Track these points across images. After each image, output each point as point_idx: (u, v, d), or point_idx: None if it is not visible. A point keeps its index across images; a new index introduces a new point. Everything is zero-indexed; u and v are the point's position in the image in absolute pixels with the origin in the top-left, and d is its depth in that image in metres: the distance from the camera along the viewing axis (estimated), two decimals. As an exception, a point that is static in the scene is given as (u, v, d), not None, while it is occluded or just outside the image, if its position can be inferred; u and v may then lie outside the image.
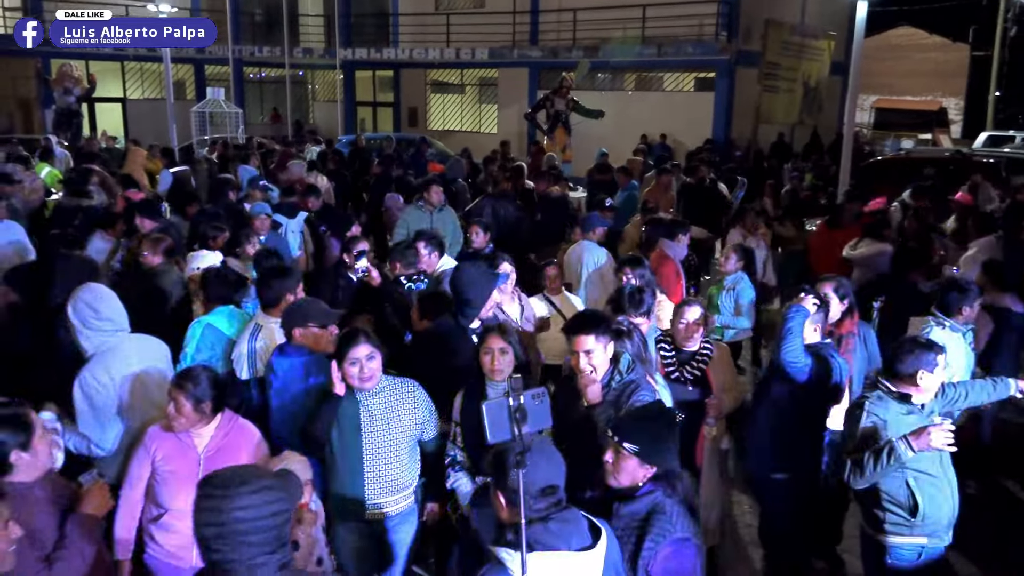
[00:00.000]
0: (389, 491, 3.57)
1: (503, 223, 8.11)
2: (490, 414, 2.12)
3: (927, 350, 3.55)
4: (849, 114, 11.52)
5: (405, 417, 3.57)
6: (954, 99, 38.56)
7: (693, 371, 4.36)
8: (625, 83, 22.79)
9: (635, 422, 2.76)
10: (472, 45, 23.73)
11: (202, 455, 3.37)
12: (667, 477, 2.67)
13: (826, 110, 21.45)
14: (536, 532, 2.19)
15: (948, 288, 4.91)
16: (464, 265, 4.61)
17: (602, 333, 3.35)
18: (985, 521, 5.15)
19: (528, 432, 2.12)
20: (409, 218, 7.83)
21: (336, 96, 26.23)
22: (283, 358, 3.94)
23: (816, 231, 8.61)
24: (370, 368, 3.46)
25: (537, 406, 2.16)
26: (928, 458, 3.51)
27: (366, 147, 16.69)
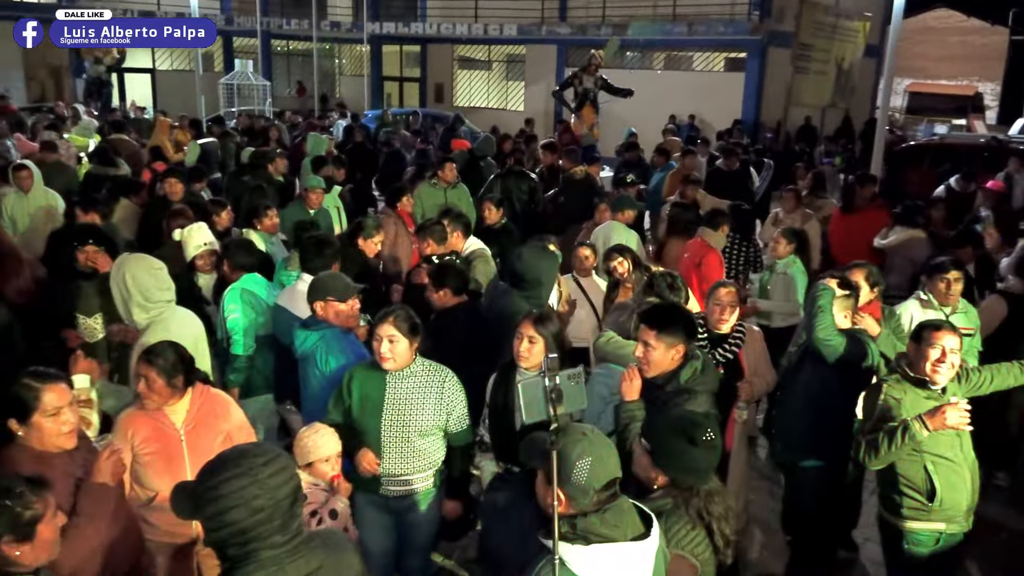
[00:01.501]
0: (405, 472, 3.58)
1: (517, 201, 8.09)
2: (526, 394, 2.10)
3: (934, 325, 3.57)
4: (884, 97, 11.28)
5: (429, 405, 3.54)
6: (991, 84, 37.67)
7: (725, 354, 4.32)
8: (654, 62, 22.52)
9: (662, 424, 2.73)
10: (500, 21, 23.54)
11: (182, 430, 3.34)
12: (684, 490, 2.61)
13: (858, 93, 21.05)
14: (592, 524, 2.17)
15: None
16: (522, 250, 4.56)
17: (668, 333, 3.31)
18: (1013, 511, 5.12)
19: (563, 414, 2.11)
20: (423, 195, 7.82)
21: (363, 71, 26.17)
22: (304, 330, 3.98)
23: (832, 217, 8.44)
24: (388, 350, 3.45)
25: (573, 387, 2.14)
26: (947, 443, 3.49)
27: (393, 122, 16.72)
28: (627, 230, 6.88)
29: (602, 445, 2.27)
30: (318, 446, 3.33)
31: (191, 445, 3.32)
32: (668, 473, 2.61)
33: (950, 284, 4.98)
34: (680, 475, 2.60)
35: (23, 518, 2.29)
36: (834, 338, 3.91)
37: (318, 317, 3.97)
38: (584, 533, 2.15)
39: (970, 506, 3.61)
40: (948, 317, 4.97)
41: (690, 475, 2.59)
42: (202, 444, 3.32)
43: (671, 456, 2.60)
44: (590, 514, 2.18)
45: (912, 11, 32.53)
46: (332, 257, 4.70)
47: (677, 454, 2.59)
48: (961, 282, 5.05)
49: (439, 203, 7.51)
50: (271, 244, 6.17)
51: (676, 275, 4.68)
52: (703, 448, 2.59)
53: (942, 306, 5.04)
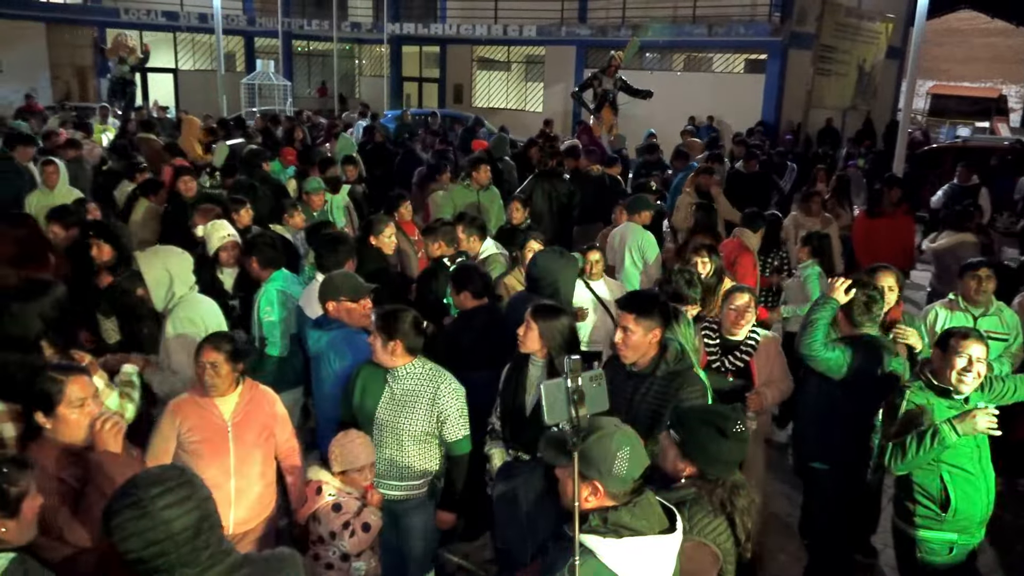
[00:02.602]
0: (395, 477, 3.56)
1: (553, 202, 8.07)
2: (548, 395, 2.11)
3: (963, 335, 3.51)
4: (907, 100, 11.22)
5: (421, 408, 3.49)
6: (1015, 86, 37.22)
7: (735, 362, 4.28)
8: (674, 63, 22.45)
9: (691, 415, 2.73)
10: (520, 22, 23.55)
11: (230, 422, 3.37)
12: (709, 481, 2.62)
13: (880, 95, 20.89)
14: (623, 517, 2.18)
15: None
16: (540, 256, 4.52)
17: (646, 317, 3.35)
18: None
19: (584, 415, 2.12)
20: (455, 196, 7.84)
21: (383, 71, 26.29)
22: (315, 330, 3.99)
23: (856, 220, 8.39)
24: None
25: (595, 388, 2.14)
26: (966, 454, 3.46)
27: (411, 123, 16.78)
28: (644, 231, 6.86)
29: (634, 436, 2.31)
30: (352, 455, 3.33)
31: (237, 437, 3.36)
32: (697, 464, 2.63)
33: (981, 282, 4.90)
34: (709, 466, 2.62)
35: (9, 495, 2.32)
36: (820, 353, 3.86)
37: (331, 316, 3.99)
38: (615, 527, 2.17)
39: (984, 518, 3.57)
40: (978, 319, 4.94)
41: (719, 466, 2.62)
42: (247, 437, 3.38)
43: (701, 447, 2.61)
44: (620, 507, 2.20)
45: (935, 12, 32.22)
46: (346, 255, 4.71)
47: (708, 445, 2.60)
48: (993, 281, 4.95)
49: (472, 205, 7.53)
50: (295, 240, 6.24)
51: (694, 272, 4.71)
52: (733, 440, 2.62)
53: (972, 307, 4.96)
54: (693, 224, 7.37)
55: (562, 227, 7.19)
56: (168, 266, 4.09)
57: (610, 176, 9.52)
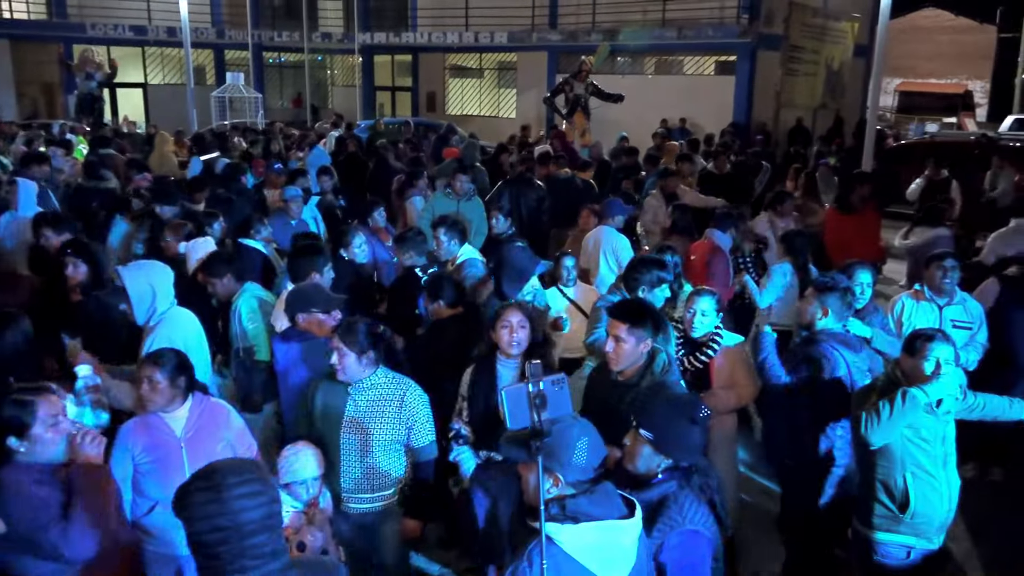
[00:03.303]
0: (366, 490, 3.54)
1: (525, 209, 8.06)
2: (510, 400, 2.12)
3: (929, 337, 3.50)
4: (873, 97, 11.33)
5: (389, 416, 3.49)
6: (980, 82, 37.85)
7: (695, 363, 4.26)
8: (645, 67, 22.59)
9: (657, 410, 2.73)
10: (491, 29, 23.60)
11: (182, 439, 3.32)
12: (684, 469, 2.66)
13: (849, 93, 21.12)
14: (581, 504, 2.22)
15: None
16: (512, 247, 4.61)
17: (637, 327, 3.34)
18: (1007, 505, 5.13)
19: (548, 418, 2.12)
20: (436, 205, 7.79)
21: (355, 81, 26.24)
22: (283, 343, 3.96)
23: (827, 217, 8.47)
24: (339, 361, 3.43)
25: (557, 392, 2.15)
26: (931, 457, 3.45)
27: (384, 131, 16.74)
28: (618, 235, 6.87)
29: (592, 427, 2.37)
30: (294, 468, 3.28)
31: (191, 453, 3.31)
32: (673, 456, 2.65)
33: (946, 272, 4.99)
34: (683, 455, 2.65)
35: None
36: (782, 376, 4.03)
37: (300, 329, 3.95)
38: (574, 513, 2.22)
39: (943, 524, 3.55)
40: (943, 308, 5.04)
41: (692, 453, 2.67)
42: (202, 452, 3.30)
43: (676, 438, 2.64)
44: (579, 495, 2.25)
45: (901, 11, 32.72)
46: (321, 265, 4.69)
47: (681, 435, 2.64)
48: (957, 271, 5.04)
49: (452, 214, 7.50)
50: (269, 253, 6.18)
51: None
52: (700, 425, 2.69)
53: (937, 296, 5.05)
54: (670, 225, 7.40)
55: (533, 233, 7.19)
56: (151, 280, 4.09)
57: (583, 180, 9.54)
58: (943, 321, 5.03)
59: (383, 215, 7.23)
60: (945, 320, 5.04)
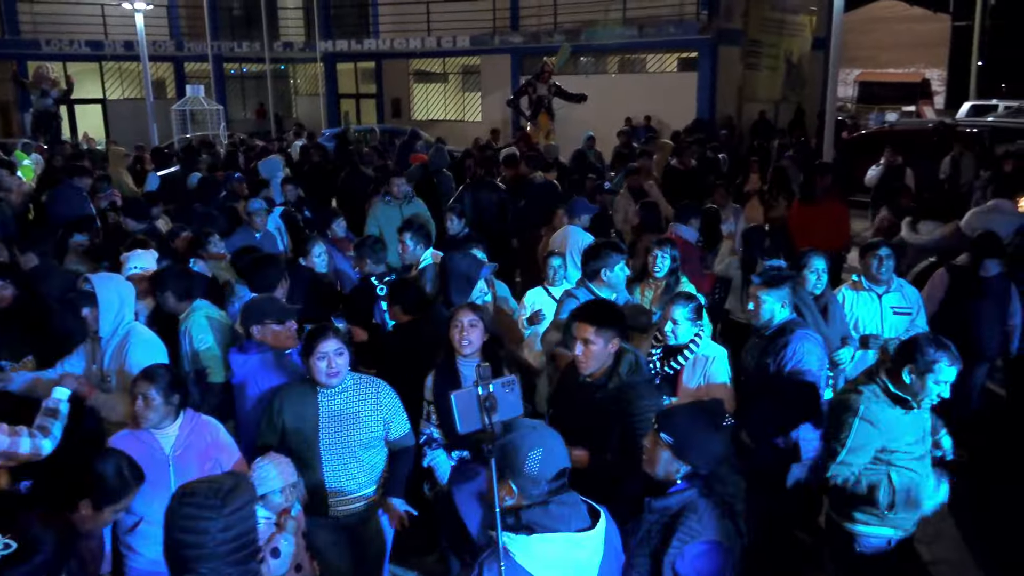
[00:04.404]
0: (350, 491, 3.55)
1: (485, 211, 8.05)
2: (460, 404, 2.11)
3: (939, 349, 3.32)
4: (831, 89, 11.50)
5: (367, 416, 3.55)
6: (937, 70, 38.52)
7: (665, 368, 4.22)
8: (608, 66, 22.68)
9: (679, 414, 2.71)
10: (453, 33, 23.56)
11: (171, 455, 3.31)
12: (704, 477, 2.61)
13: (810, 86, 21.39)
14: (536, 515, 2.20)
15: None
16: (452, 255, 4.62)
17: (607, 328, 3.33)
18: (975, 494, 5.19)
19: (498, 421, 2.11)
20: (378, 214, 7.74)
21: (318, 89, 26.06)
22: (241, 355, 3.92)
23: (792, 208, 8.59)
24: (337, 364, 3.45)
25: (507, 394, 2.15)
26: (915, 455, 3.43)
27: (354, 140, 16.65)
28: (585, 234, 6.89)
29: (551, 437, 2.33)
30: (267, 478, 3.25)
31: (179, 470, 3.30)
32: (693, 463, 2.60)
33: (881, 261, 5.04)
34: (704, 462, 2.61)
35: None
36: None
37: (256, 340, 3.92)
38: (528, 524, 2.19)
39: (925, 513, 3.55)
40: (882, 296, 5.10)
41: (712, 461, 2.62)
42: (190, 469, 3.31)
43: (697, 444, 2.59)
44: (536, 506, 2.23)
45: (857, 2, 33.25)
46: (278, 277, 4.65)
47: (704, 442, 2.60)
48: (892, 259, 5.10)
49: (395, 220, 7.47)
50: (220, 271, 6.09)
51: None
52: (723, 433, 2.66)
53: (875, 285, 5.11)
54: (638, 223, 7.44)
55: (495, 235, 7.19)
56: (120, 292, 4.10)
57: (548, 180, 9.55)
58: (883, 309, 5.10)
59: (343, 226, 7.18)
60: (885, 308, 5.11)
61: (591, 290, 4.83)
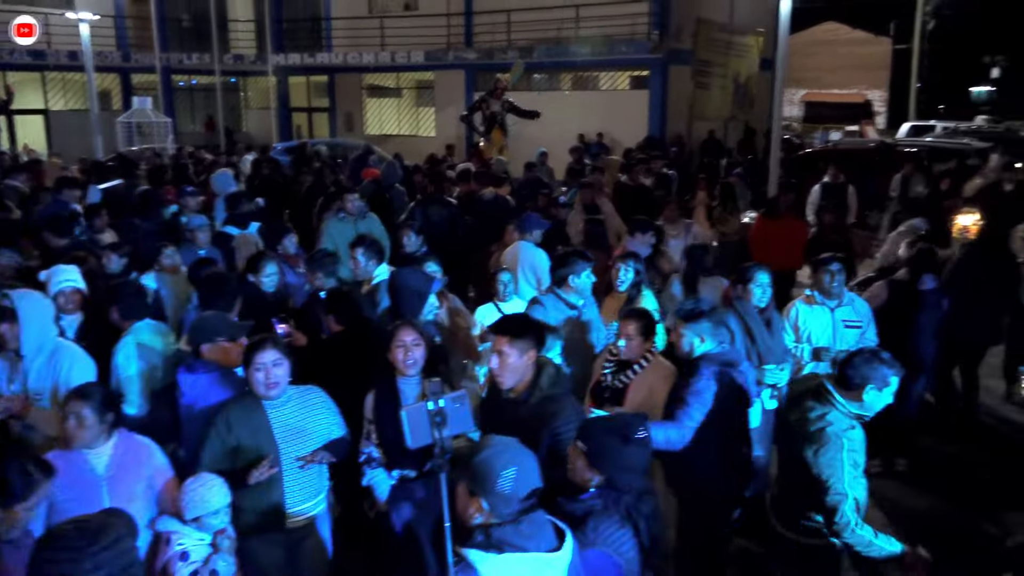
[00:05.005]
0: (307, 497, 3.58)
1: (436, 227, 8.03)
2: (411, 419, 2.10)
3: (882, 364, 3.41)
4: (777, 109, 11.78)
5: (319, 423, 3.59)
6: (879, 91, 39.87)
7: (614, 382, 4.23)
8: (561, 83, 22.92)
9: (595, 425, 2.78)
10: (407, 48, 23.57)
11: (104, 476, 3.22)
12: (615, 489, 2.65)
13: (758, 105, 21.90)
14: (507, 533, 2.19)
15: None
16: (401, 271, 4.62)
17: (520, 339, 3.34)
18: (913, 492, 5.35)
19: (449, 435, 2.10)
20: (332, 230, 7.67)
21: (270, 103, 25.79)
22: (190, 374, 3.84)
23: (755, 223, 8.84)
24: (276, 375, 3.42)
25: (457, 409, 2.15)
26: (861, 464, 3.46)
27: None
28: (537, 249, 6.91)
29: (525, 455, 2.33)
30: (204, 499, 3.19)
31: (112, 492, 3.21)
32: (604, 473, 2.65)
33: (833, 276, 5.17)
34: (616, 474, 2.64)
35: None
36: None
37: (205, 359, 3.85)
38: (498, 543, 2.18)
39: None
40: (834, 310, 5.23)
41: (625, 473, 2.66)
42: (122, 491, 3.23)
43: (607, 455, 2.64)
44: (506, 524, 2.22)
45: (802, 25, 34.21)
46: (233, 295, 4.58)
47: (612, 452, 2.64)
48: (843, 273, 5.25)
49: (349, 236, 7.41)
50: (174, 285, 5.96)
51: None
52: (636, 446, 2.66)
53: (828, 299, 5.24)
54: (583, 239, 7.50)
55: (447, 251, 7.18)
56: (43, 309, 4.02)
57: (500, 196, 9.58)
58: (835, 322, 5.23)
59: (293, 241, 7.10)
60: (837, 321, 5.23)
61: (560, 296, 4.97)
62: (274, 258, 5.54)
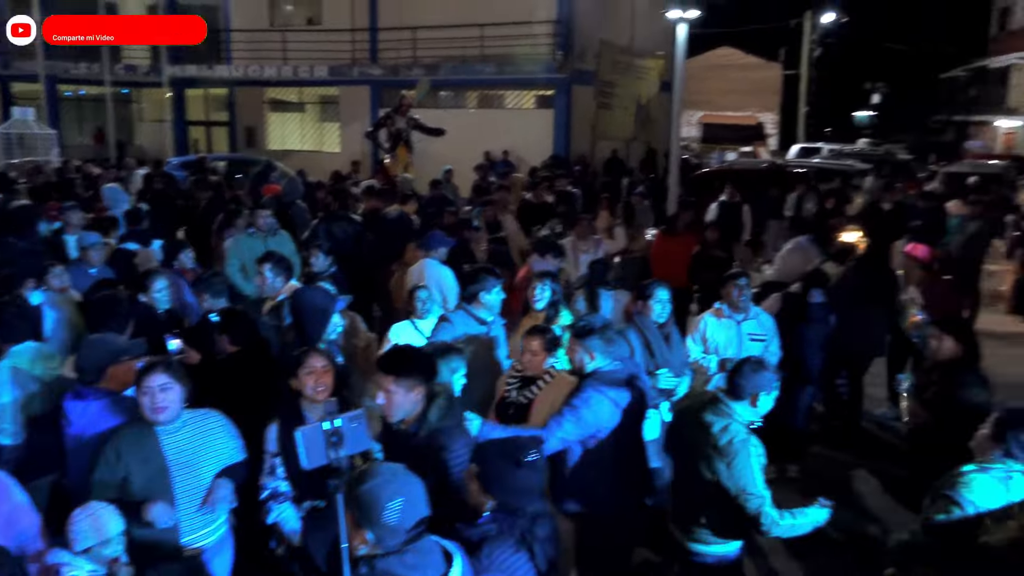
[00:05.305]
0: (205, 524, 3.44)
1: (340, 244, 7.90)
2: (305, 439, 2.06)
3: (767, 370, 3.64)
4: (675, 129, 12.21)
5: (217, 449, 3.46)
6: (770, 114, 41.89)
7: (519, 398, 4.22)
8: (467, 101, 23.03)
9: (487, 448, 2.78)
10: (311, 63, 23.18)
11: None
12: (510, 512, 2.64)
13: (659, 126, 22.61)
14: (392, 564, 2.15)
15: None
16: (305, 289, 4.52)
17: (406, 377, 3.29)
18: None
19: (345, 455, 2.06)
20: (241, 246, 7.46)
21: (165, 115, 24.85)
22: (79, 402, 3.63)
23: (655, 240, 9.14)
24: (163, 400, 3.28)
25: (355, 428, 2.11)
26: None
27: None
28: (442, 267, 6.89)
29: (412, 484, 2.28)
30: (95, 528, 3.02)
31: None
32: (497, 497, 2.64)
33: (740, 290, 5.44)
34: (509, 497, 2.63)
35: None
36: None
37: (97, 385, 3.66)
38: (383, 574, 2.15)
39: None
40: (740, 323, 5.46)
41: (518, 496, 2.64)
42: None
43: (497, 478, 2.64)
44: (391, 555, 2.17)
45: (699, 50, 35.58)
46: (124, 316, 4.38)
47: (503, 475, 2.64)
48: (749, 288, 5.53)
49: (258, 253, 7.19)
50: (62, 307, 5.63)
51: None
52: (528, 469, 2.66)
53: (735, 313, 5.48)
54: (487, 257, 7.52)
55: (351, 269, 7.07)
56: None
57: (406, 215, 9.52)
58: (741, 336, 5.46)
59: (191, 256, 6.85)
60: (743, 334, 5.46)
61: (469, 312, 4.98)
62: (164, 274, 5.32)
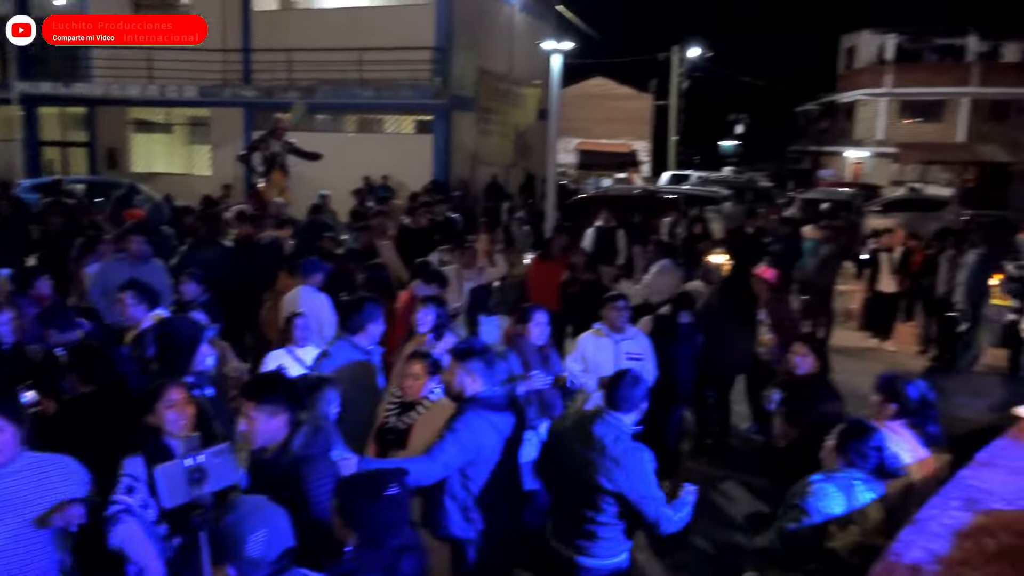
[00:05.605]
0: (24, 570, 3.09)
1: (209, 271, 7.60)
2: (166, 478, 1.96)
3: (640, 383, 3.88)
4: (551, 156, 12.51)
5: (55, 494, 3.09)
6: (643, 142, 43.70)
7: (397, 424, 4.19)
8: (345, 125, 22.76)
9: (347, 482, 2.76)
10: (179, 82, 22.27)
11: None
12: (374, 547, 2.59)
13: (537, 152, 23.10)
14: None
15: None
16: (171, 319, 4.31)
17: (268, 403, 3.21)
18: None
19: (209, 491, 1.98)
20: (107, 272, 7.03)
21: (14, 135, 23.19)
22: None
23: (532, 264, 9.32)
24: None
25: (219, 464, 2.04)
26: None
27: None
28: (317, 293, 6.75)
29: (276, 515, 2.24)
30: None
31: None
32: (357, 531, 2.59)
33: (620, 311, 5.71)
34: (370, 532, 2.58)
35: None
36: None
37: None
38: None
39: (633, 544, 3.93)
40: (619, 343, 5.71)
41: (380, 530, 2.59)
42: None
43: (356, 512, 2.60)
44: None
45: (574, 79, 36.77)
46: None
47: (362, 509, 2.60)
48: (629, 310, 5.81)
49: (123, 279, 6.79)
50: None
51: None
52: (387, 502, 2.61)
53: (616, 333, 5.72)
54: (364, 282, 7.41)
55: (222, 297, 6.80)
56: None
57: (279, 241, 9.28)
58: (619, 354, 5.66)
59: (47, 284, 6.39)
60: (621, 353, 5.67)
61: (353, 343, 4.87)
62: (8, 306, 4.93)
